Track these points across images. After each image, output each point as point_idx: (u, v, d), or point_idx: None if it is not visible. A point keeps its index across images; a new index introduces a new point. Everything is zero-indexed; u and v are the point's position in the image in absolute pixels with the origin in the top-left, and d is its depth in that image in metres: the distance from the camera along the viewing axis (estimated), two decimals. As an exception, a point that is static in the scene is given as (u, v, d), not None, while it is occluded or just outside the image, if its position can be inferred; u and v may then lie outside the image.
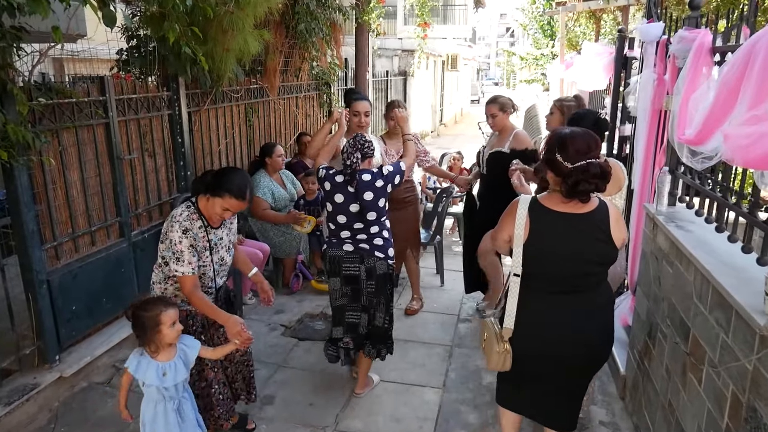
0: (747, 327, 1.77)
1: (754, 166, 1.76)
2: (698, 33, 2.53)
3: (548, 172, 2.20)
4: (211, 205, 2.56)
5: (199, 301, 2.58)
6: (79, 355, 3.51)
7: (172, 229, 2.50)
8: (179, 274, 2.52)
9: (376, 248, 3.13)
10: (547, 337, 2.26)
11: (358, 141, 3.07)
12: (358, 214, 3.06)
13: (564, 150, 2.11)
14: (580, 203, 2.16)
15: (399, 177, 3.12)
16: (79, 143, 3.52)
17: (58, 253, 3.43)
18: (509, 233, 2.22)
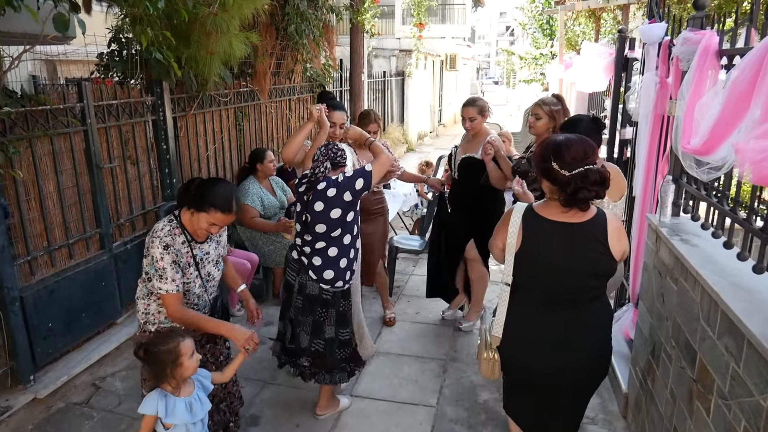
0: (761, 359, 1.62)
1: (766, 183, 1.60)
2: (703, 34, 2.37)
3: (543, 181, 2.12)
4: (195, 220, 2.40)
5: (190, 318, 2.41)
6: (56, 375, 3.35)
7: (152, 245, 2.35)
8: (162, 291, 2.36)
9: (311, 267, 2.86)
10: (535, 350, 2.18)
11: (330, 149, 2.88)
12: (306, 224, 2.82)
13: (560, 158, 2.03)
14: (577, 212, 2.08)
15: (363, 181, 2.76)
16: (55, 152, 3.37)
17: (32, 269, 3.27)
18: (503, 241, 2.17)
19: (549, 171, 2.06)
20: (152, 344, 2.18)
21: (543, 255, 2.10)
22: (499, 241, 2.20)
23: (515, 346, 2.23)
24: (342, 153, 2.90)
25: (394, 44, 15.20)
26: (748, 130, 1.59)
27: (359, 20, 7.37)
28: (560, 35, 8.87)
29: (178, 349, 2.17)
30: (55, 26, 2.34)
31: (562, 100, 3.66)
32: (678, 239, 2.49)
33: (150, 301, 2.48)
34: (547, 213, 2.12)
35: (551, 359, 2.17)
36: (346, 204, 2.77)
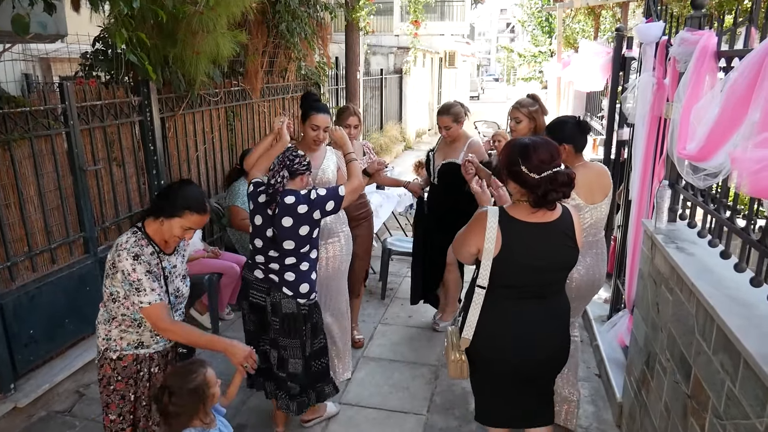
0: (757, 380, 1.53)
1: (762, 195, 1.52)
2: (701, 35, 2.28)
3: (510, 183, 2.17)
4: (167, 228, 2.21)
5: (182, 331, 2.24)
6: (38, 383, 3.28)
7: (120, 259, 2.13)
8: (144, 305, 2.13)
9: (285, 284, 2.69)
10: (516, 343, 2.22)
11: (287, 156, 2.68)
12: (272, 240, 2.64)
13: (528, 161, 2.06)
14: (547, 212, 2.13)
15: (333, 204, 2.65)
16: (35, 155, 3.28)
17: (12, 274, 3.19)
18: (477, 246, 2.16)
19: (518, 174, 2.08)
20: (177, 385, 2.01)
21: (521, 256, 2.14)
22: (472, 246, 2.19)
23: (493, 343, 2.24)
24: (301, 159, 2.70)
25: (392, 41, 15.09)
26: (745, 138, 1.50)
27: (354, 18, 7.27)
28: (558, 33, 8.76)
29: (206, 382, 2.05)
30: (13, 28, 2.23)
31: (538, 100, 3.57)
32: (674, 247, 2.41)
33: (111, 326, 2.24)
34: (519, 215, 2.14)
35: (528, 350, 2.24)
36: (314, 221, 2.65)
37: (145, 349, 2.29)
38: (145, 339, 2.28)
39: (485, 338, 2.23)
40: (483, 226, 2.12)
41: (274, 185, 2.60)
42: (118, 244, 2.18)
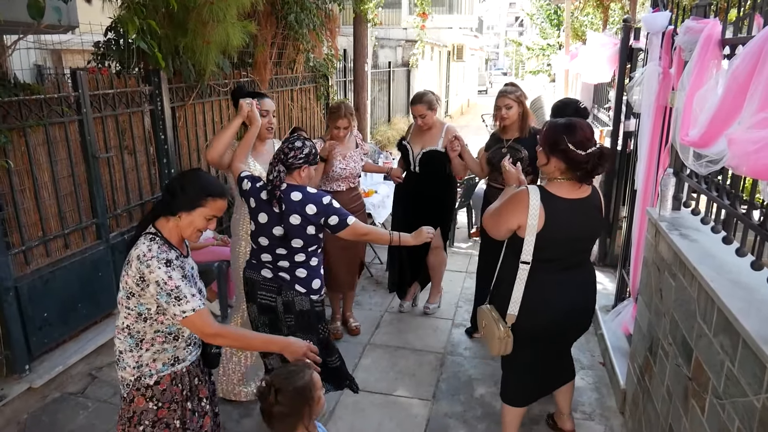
0: (755, 359, 1.57)
1: (761, 176, 1.55)
2: (706, 23, 2.30)
3: (553, 162, 2.29)
4: (187, 223, 2.00)
5: (235, 334, 2.10)
6: (52, 364, 3.35)
7: (150, 269, 1.87)
8: (189, 314, 1.89)
9: (298, 281, 2.61)
10: (559, 310, 2.43)
11: (283, 148, 2.55)
12: (282, 238, 2.55)
13: (573, 139, 2.22)
14: (582, 188, 2.33)
15: (337, 221, 2.54)
16: (50, 142, 3.35)
17: (27, 259, 3.26)
18: (519, 223, 2.30)
19: (565, 152, 2.23)
20: (285, 384, 1.84)
21: (563, 231, 2.32)
22: (513, 222, 2.32)
23: (537, 315, 2.41)
24: (298, 151, 2.54)
25: (400, 34, 15.09)
26: (744, 122, 1.53)
27: (362, 10, 7.29)
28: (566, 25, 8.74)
29: (313, 381, 1.89)
30: (29, 13, 2.29)
31: (517, 86, 3.76)
32: (677, 234, 2.44)
33: (142, 351, 1.99)
34: (559, 192, 2.31)
35: (570, 316, 2.47)
36: (319, 226, 2.56)
37: (181, 364, 2.07)
38: (180, 353, 2.06)
39: (529, 311, 2.39)
40: (525, 205, 2.27)
41: (272, 181, 2.50)
42: (139, 257, 1.89)
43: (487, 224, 2.49)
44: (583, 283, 2.50)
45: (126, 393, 2.02)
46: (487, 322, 2.50)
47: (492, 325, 2.45)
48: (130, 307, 1.95)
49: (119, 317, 2.00)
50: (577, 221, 2.33)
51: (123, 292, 1.95)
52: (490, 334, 2.48)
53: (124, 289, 1.93)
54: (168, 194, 2.00)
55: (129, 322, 1.97)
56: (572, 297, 2.44)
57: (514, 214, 2.31)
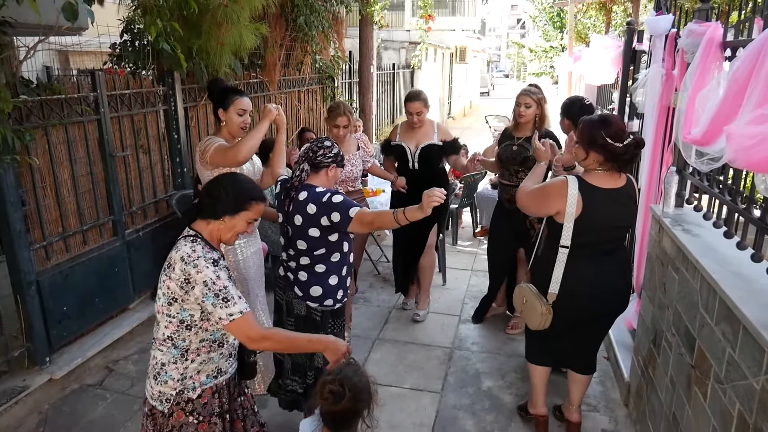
0: (755, 344, 1.66)
1: (756, 169, 1.64)
2: (708, 26, 2.40)
3: (592, 156, 2.45)
4: (230, 226, 1.96)
5: (281, 336, 2.02)
6: (71, 357, 3.45)
7: (198, 269, 1.81)
8: (236, 316, 1.81)
9: (297, 283, 2.56)
10: (595, 291, 2.59)
11: (311, 147, 2.51)
12: (290, 239, 2.52)
13: (609, 133, 2.38)
14: (620, 178, 2.50)
15: (339, 218, 2.37)
16: (69, 140, 3.45)
17: (48, 254, 3.36)
18: (558, 209, 2.48)
19: (604, 146, 2.39)
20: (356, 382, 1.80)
21: (599, 218, 2.48)
22: (552, 208, 2.51)
23: (579, 293, 2.59)
24: (327, 151, 2.51)
25: (403, 36, 15.19)
26: (743, 119, 1.62)
27: (368, 12, 7.39)
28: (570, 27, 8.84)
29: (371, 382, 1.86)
30: (65, 15, 2.40)
31: (540, 88, 3.90)
32: (680, 229, 2.53)
33: (187, 362, 1.92)
34: (596, 182, 2.47)
35: (605, 297, 2.63)
36: (324, 228, 2.43)
37: (223, 376, 2.01)
38: (222, 364, 2.00)
39: (568, 291, 2.57)
40: (564, 193, 2.45)
41: (292, 179, 2.49)
42: (184, 258, 1.82)
43: (525, 202, 2.69)
44: (618, 267, 2.65)
45: (165, 408, 1.91)
46: (529, 299, 2.66)
47: (534, 301, 2.63)
48: (171, 314, 1.86)
49: (158, 327, 1.91)
50: (613, 210, 2.48)
51: (164, 299, 1.86)
52: (532, 309, 2.64)
53: (165, 295, 1.85)
54: (210, 198, 1.94)
55: (171, 332, 1.88)
56: (608, 279, 2.60)
57: (553, 201, 2.50)
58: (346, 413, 1.79)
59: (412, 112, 3.97)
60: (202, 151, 2.88)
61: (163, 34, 3.12)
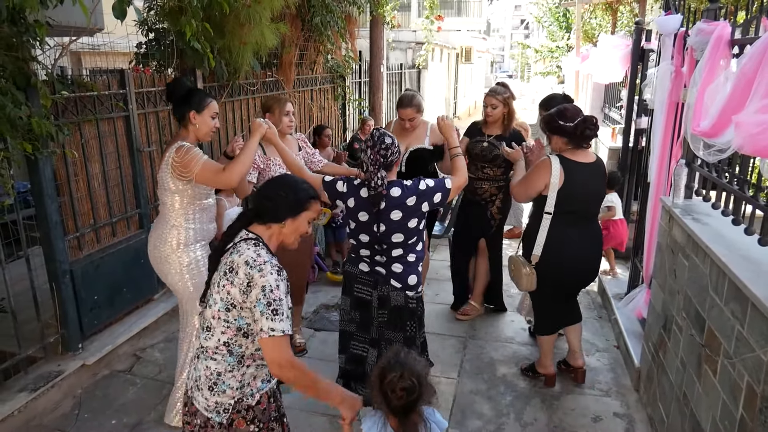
0: (763, 318, 1.78)
1: (763, 155, 1.77)
2: (717, 25, 2.52)
3: (554, 139, 3.00)
4: (293, 228, 1.91)
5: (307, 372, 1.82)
6: (101, 344, 3.59)
7: (263, 273, 1.73)
8: (278, 333, 1.71)
9: (393, 275, 2.66)
10: (572, 254, 3.06)
11: (378, 151, 2.50)
12: (383, 234, 2.59)
13: (563, 117, 2.94)
14: (587, 155, 3.01)
15: (441, 196, 2.58)
16: (100, 136, 3.59)
17: (80, 244, 3.51)
18: (545, 182, 2.96)
19: (560, 128, 2.94)
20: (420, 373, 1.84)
21: (577, 187, 2.95)
22: (541, 182, 2.98)
23: (557, 255, 3.04)
24: (393, 149, 2.55)
25: (410, 37, 15.34)
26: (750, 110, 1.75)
27: (379, 12, 7.53)
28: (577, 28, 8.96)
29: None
30: (114, 14, 2.55)
31: (508, 87, 4.02)
32: (690, 218, 2.65)
33: (244, 368, 1.84)
34: (572, 157, 2.98)
35: (580, 261, 3.11)
36: (422, 214, 2.59)
37: (273, 380, 1.96)
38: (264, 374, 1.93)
39: (550, 252, 3.03)
40: (548, 169, 2.94)
41: (377, 188, 2.49)
42: (248, 262, 1.76)
43: (518, 190, 3.16)
44: (592, 236, 3.14)
45: (223, 418, 1.82)
46: (515, 265, 3.16)
47: (519, 265, 3.12)
48: (229, 320, 1.79)
49: (211, 335, 1.82)
50: (589, 181, 2.99)
51: (221, 305, 1.79)
52: (518, 272, 3.14)
53: (224, 300, 1.78)
54: (270, 201, 1.88)
55: (227, 338, 1.80)
56: (583, 245, 3.08)
57: (541, 177, 2.97)
58: (417, 401, 1.81)
59: (404, 118, 3.80)
60: (182, 163, 2.60)
61: (196, 33, 3.26)
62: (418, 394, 1.80)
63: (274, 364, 1.75)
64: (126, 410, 3.20)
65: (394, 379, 1.80)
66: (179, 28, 3.29)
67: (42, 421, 3.10)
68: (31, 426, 3.05)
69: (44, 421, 3.10)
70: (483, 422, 3.11)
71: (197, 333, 2.02)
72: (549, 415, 3.17)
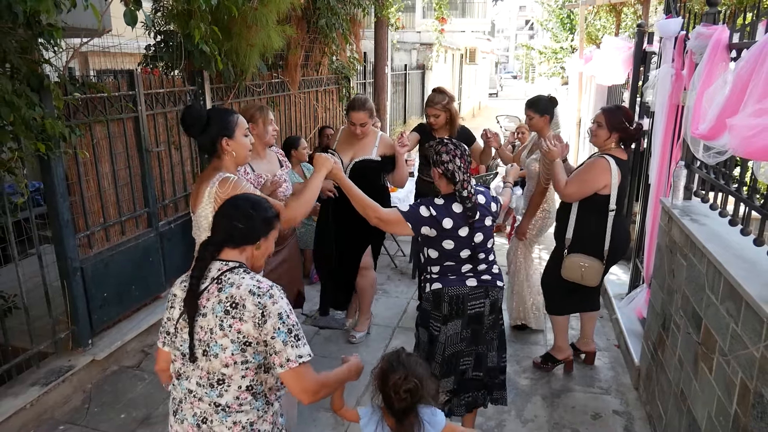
0: (755, 316, 1.83)
1: (756, 157, 1.82)
2: (715, 29, 2.57)
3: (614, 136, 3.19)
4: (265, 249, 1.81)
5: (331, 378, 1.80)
6: (110, 340, 3.66)
7: (273, 300, 1.62)
8: (305, 359, 1.63)
9: (497, 277, 2.64)
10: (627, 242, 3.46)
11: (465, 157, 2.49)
12: (481, 244, 2.55)
13: (629, 119, 3.20)
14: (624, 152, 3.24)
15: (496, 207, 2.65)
16: (110, 136, 3.66)
17: (90, 242, 3.58)
18: (605, 183, 3.12)
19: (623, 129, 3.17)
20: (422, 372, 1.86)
21: (627, 181, 3.27)
22: (601, 183, 3.13)
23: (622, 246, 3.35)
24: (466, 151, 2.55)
25: (414, 38, 15.40)
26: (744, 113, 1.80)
27: (384, 14, 7.59)
28: (581, 29, 8.99)
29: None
30: (125, 20, 2.62)
31: (445, 91, 4.05)
32: (688, 219, 2.70)
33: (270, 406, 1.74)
34: (621, 156, 3.19)
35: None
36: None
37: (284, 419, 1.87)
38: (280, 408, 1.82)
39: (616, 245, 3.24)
40: (607, 169, 3.11)
41: (470, 198, 2.46)
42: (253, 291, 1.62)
43: (572, 190, 3.21)
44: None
45: None
46: (588, 263, 3.23)
47: (593, 263, 3.22)
48: (248, 360, 1.62)
49: (227, 387, 1.64)
50: (628, 175, 3.32)
51: (233, 347, 1.60)
52: (593, 271, 3.23)
53: (236, 342, 1.60)
54: (240, 223, 1.74)
55: (249, 381, 1.64)
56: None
57: (600, 177, 3.13)
58: (419, 402, 1.83)
59: (356, 123, 3.52)
60: None
61: (204, 36, 3.33)
62: (419, 395, 1.81)
63: (307, 393, 1.65)
64: (135, 404, 3.28)
65: (398, 381, 1.80)
66: (188, 31, 3.35)
67: (53, 415, 3.17)
68: (42, 419, 3.12)
69: (55, 415, 3.18)
70: (484, 418, 3.17)
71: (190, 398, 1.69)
72: (549, 413, 3.23)
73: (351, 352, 3.83)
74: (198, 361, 1.64)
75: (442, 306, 2.53)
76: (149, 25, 2.80)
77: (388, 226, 2.57)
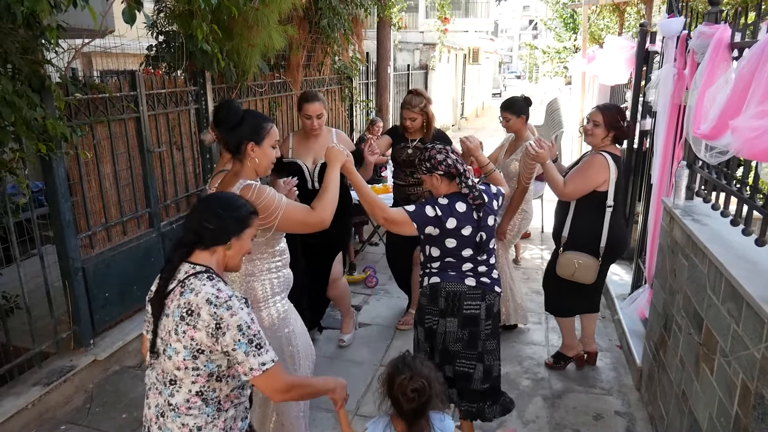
0: (756, 317, 1.82)
1: (759, 159, 1.81)
2: (717, 29, 2.56)
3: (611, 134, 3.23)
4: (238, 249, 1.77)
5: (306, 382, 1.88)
6: (112, 340, 3.67)
7: (232, 311, 1.58)
8: (269, 365, 1.61)
9: (495, 282, 2.61)
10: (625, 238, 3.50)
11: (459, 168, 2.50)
12: (482, 243, 2.54)
13: (624, 117, 3.28)
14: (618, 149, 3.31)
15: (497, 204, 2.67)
16: (112, 136, 3.67)
17: (92, 242, 3.59)
18: (605, 178, 3.16)
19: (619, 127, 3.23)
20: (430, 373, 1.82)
21: (622, 178, 3.25)
22: (601, 179, 3.16)
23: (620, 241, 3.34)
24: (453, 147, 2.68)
25: (417, 38, 15.39)
26: (747, 114, 1.79)
27: (386, 14, 7.59)
28: (584, 29, 8.96)
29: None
30: (124, 18, 2.62)
31: (422, 93, 3.84)
32: (690, 219, 2.69)
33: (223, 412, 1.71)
34: (615, 152, 3.25)
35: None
36: None
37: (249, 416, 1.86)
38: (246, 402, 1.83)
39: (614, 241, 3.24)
40: (605, 165, 3.16)
41: (479, 197, 2.49)
42: (211, 300, 1.58)
43: (572, 188, 3.21)
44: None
45: None
46: (582, 260, 3.23)
47: (588, 260, 3.23)
48: (198, 368, 1.61)
49: (179, 388, 1.63)
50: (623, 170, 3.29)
51: (185, 353, 1.59)
52: (587, 267, 3.23)
53: (188, 348, 1.59)
54: (209, 223, 1.70)
55: (199, 387, 1.64)
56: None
57: (600, 174, 3.16)
58: (427, 404, 1.79)
59: (312, 114, 3.37)
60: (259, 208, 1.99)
61: (206, 36, 3.33)
62: (428, 396, 1.78)
63: (277, 393, 1.68)
64: (136, 404, 3.28)
65: (404, 381, 1.77)
66: (190, 31, 3.36)
67: (55, 414, 3.18)
68: (44, 419, 3.13)
69: (57, 414, 3.18)
70: (485, 419, 3.16)
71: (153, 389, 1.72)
72: (551, 413, 3.22)
73: (344, 355, 3.85)
74: (159, 357, 1.67)
75: (438, 300, 2.53)
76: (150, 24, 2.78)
77: (395, 226, 2.55)
